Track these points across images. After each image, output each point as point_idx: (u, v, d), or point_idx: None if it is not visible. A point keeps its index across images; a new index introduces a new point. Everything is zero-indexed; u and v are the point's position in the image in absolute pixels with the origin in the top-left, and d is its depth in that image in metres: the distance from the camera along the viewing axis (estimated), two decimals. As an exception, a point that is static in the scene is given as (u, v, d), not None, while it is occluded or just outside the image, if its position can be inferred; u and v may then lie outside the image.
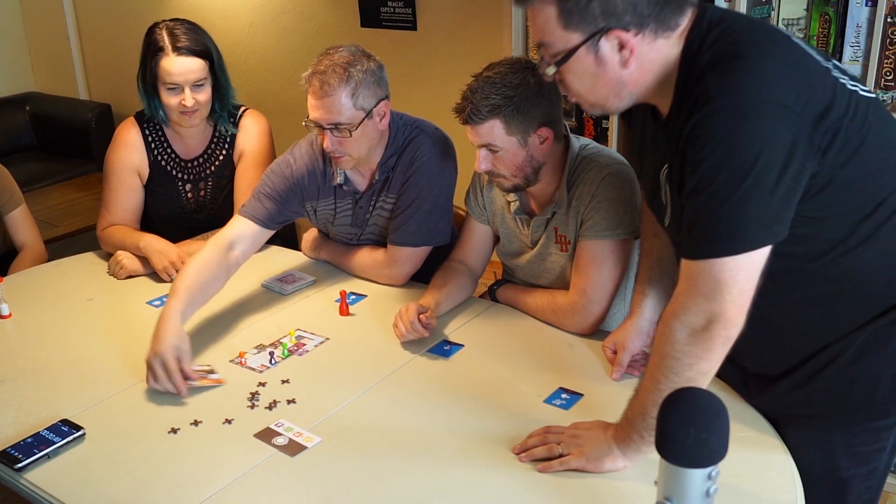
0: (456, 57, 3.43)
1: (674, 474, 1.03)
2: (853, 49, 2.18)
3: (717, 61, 1.20)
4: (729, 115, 1.17)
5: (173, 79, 2.15)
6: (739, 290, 1.19)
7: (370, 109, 1.93)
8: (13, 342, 1.93)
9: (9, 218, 2.49)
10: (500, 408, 1.58)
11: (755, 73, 1.18)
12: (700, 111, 1.19)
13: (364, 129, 1.94)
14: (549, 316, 1.87)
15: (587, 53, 1.26)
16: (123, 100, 4.79)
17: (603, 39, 1.24)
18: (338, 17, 3.74)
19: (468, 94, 1.72)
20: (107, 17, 4.70)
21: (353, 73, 1.88)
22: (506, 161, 1.76)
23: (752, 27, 1.28)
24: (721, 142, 1.17)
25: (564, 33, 1.25)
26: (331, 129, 1.93)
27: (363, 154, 2.01)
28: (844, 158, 1.21)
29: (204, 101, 2.21)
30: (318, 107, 1.91)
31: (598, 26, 1.23)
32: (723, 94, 1.18)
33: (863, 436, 1.40)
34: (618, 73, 1.27)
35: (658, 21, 1.23)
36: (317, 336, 1.87)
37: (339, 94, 1.88)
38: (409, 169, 2.06)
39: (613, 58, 1.26)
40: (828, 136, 1.19)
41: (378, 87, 1.94)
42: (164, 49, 2.14)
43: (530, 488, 1.35)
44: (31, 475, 1.43)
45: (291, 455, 1.45)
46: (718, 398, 1.03)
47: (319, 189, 2.13)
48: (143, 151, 2.32)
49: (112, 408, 1.62)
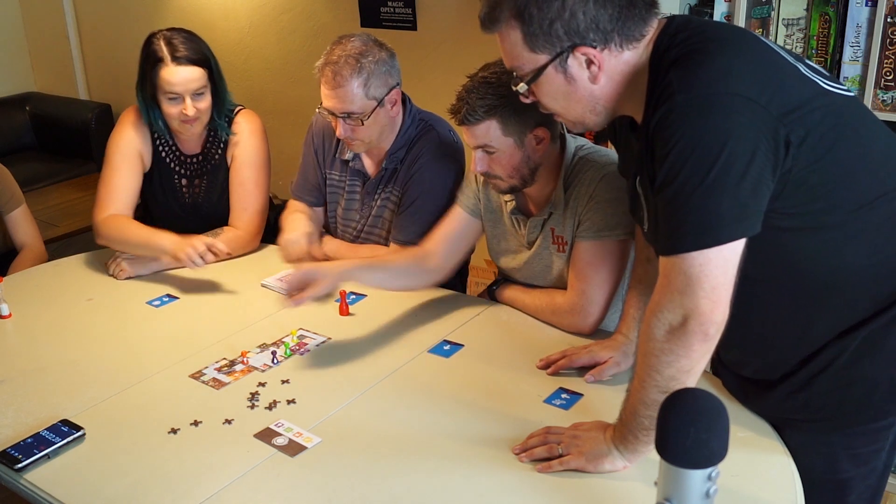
0: (456, 57, 3.42)
1: (674, 475, 1.03)
2: (853, 49, 2.18)
3: (682, 58, 1.21)
4: (691, 108, 1.17)
5: (174, 88, 2.15)
6: (712, 285, 1.17)
7: (382, 98, 1.99)
8: (13, 342, 1.93)
9: (9, 218, 2.50)
10: (500, 408, 1.58)
11: (718, 66, 1.18)
12: (663, 106, 1.19)
13: (376, 118, 2.00)
14: (548, 316, 1.87)
15: (556, 73, 1.29)
16: (123, 100, 4.79)
17: (570, 58, 1.27)
18: (338, 17, 3.74)
19: (463, 94, 1.71)
20: (107, 18, 4.70)
21: (365, 64, 1.94)
22: (502, 162, 1.75)
23: (718, 27, 1.29)
24: (683, 135, 1.17)
25: (532, 55, 1.29)
26: (343, 118, 1.98)
27: (374, 139, 2.07)
28: (817, 157, 1.20)
29: (204, 109, 2.22)
30: (331, 97, 1.97)
31: (563, 46, 1.26)
32: (685, 88, 1.18)
33: (862, 437, 1.40)
34: (589, 88, 1.30)
35: (622, 34, 1.26)
36: (318, 336, 1.87)
37: (351, 84, 1.93)
38: (414, 165, 2.08)
39: (582, 74, 1.29)
40: (798, 132, 1.18)
41: (389, 75, 2.00)
42: (163, 59, 2.14)
43: (530, 488, 1.35)
44: (31, 475, 1.43)
45: (291, 455, 1.45)
46: (718, 399, 1.03)
47: (331, 157, 2.23)
48: (149, 139, 2.32)
49: (112, 408, 1.62)
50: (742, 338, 1.37)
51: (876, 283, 1.31)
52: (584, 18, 1.24)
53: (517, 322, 1.91)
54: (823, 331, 1.34)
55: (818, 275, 1.30)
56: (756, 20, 2.29)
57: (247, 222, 2.31)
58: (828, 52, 2.22)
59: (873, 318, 1.32)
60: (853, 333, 1.32)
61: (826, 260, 1.28)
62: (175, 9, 4.30)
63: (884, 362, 1.33)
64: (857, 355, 1.33)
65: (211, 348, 1.83)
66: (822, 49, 2.22)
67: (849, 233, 1.27)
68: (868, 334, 1.32)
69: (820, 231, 1.27)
